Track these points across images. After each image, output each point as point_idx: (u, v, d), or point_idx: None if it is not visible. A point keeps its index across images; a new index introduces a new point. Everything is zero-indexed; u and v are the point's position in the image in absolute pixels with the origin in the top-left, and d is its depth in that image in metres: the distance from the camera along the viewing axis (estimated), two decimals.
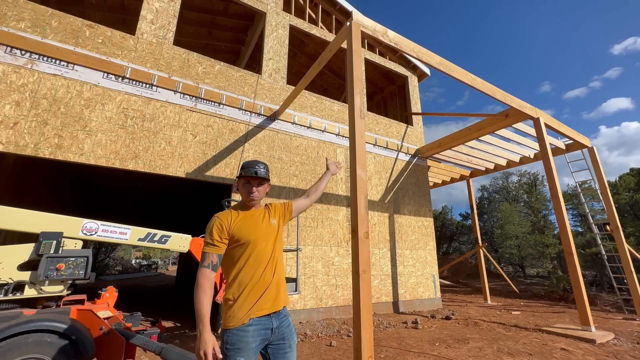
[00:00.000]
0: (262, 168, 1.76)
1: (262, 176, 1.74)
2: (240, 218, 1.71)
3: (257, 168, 1.74)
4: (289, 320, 1.71)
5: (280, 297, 1.69)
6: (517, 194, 23.87)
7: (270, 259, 1.69)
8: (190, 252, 3.55)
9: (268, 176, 1.79)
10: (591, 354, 4.19)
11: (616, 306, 8.23)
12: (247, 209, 1.77)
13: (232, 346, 1.50)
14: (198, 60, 5.94)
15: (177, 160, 5.24)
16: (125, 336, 2.53)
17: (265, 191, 1.82)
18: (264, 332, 1.57)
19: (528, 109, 6.27)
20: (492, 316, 6.93)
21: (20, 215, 2.65)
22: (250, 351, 1.51)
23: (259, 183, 1.76)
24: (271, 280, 1.66)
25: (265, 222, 1.76)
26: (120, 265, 26.93)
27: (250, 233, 1.67)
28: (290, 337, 1.69)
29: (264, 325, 1.58)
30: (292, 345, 1.69)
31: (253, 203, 1.76)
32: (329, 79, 11.30)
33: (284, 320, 1.67)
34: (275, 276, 1.68)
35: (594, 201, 8.79)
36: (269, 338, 1.60)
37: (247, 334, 1.52)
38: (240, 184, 1.79)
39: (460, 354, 4.09)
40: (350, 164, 3.55)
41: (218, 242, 1.62)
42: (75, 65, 4.76)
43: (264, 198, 1.89)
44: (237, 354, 1.49)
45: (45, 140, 4.34)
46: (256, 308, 1.57)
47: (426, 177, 8.88)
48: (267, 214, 1.81)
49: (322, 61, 5.01)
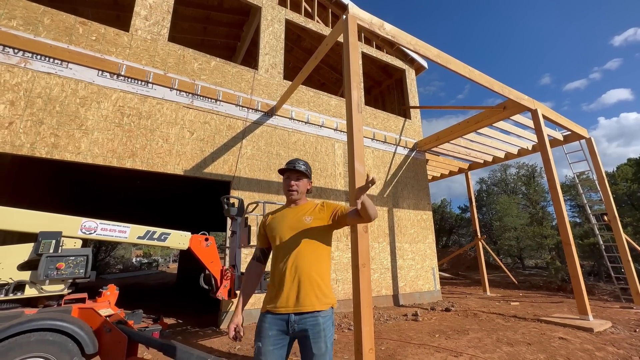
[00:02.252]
0: (302, 164, 1.86)
1: (300, 170, 1.82)
2: (277, 214, 1.81)
3: (296, 163, 1.84)
4: (316, 320, 1.57)
5: (304, 299, 1.58)
6: (515, 186, 23.96)
7: (291, 256, 1.64)
8: (190, 249, 3.55)
9: (308, 173, 1.86)
10: (589, 342, 4.25)
11: (614, 295, 8.32)
12: (287, 207, 1.84)
13: (257, 330, 1.64)
14: (194, 56, 5.88)
15: (174, 157, 5.23)
16: (127, 333, 2.54)
17: (306, 187, 1.86)
18: (280, 322, 1.58)
19: (526, 100, 6.26)
20: (491, 307, 7.00)
21: (18, 215, 2.64)
22: (267, 339, 1.56)
23: (298, 177, 1.82)
24: (292, 277, 1.60)
25: (296, 218, 1.74)
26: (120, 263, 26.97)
27: (275, 229, 1.74)
28: (316, 339, 1.55)
29: (280, 317, 1.59)
30: (315, 347, 1.55)
31: (292, 196, 1.81)
32: (326, 73, 11.23)
33: (308, 319, 1.57)
34: (297, 274, 1.61)
35: (591, 192, 8.84)
36: (286, 330, 1.57)
37: (264, 323, 1.61)
38: (283, 180, 1.88)
39: (460, 345, 4.14)
40: (349, 158, 3.54)
41: (260, 237, 1.86)
42: (70, 64, 4.71)
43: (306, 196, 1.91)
44: (256, 338, 1.61)
45: (41, 140, 4.31)
46: (274, 303, 1.61)
47: (425, 170, 8.89)
48: (305, 212, 1.77)
49: (318, 55, 4.97)
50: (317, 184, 6.71)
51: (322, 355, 1.55)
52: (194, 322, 5.69)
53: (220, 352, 3.91)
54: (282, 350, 1.58)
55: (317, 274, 1.64)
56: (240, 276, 4.03)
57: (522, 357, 3.67)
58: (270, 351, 1.54)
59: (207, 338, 4.56)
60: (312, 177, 6.58)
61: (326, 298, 1.63)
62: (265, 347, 1.55)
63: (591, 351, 3.91)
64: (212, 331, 4.94)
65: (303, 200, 1.87)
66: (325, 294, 1.63)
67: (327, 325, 1.60)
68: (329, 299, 1.64)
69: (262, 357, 1.54)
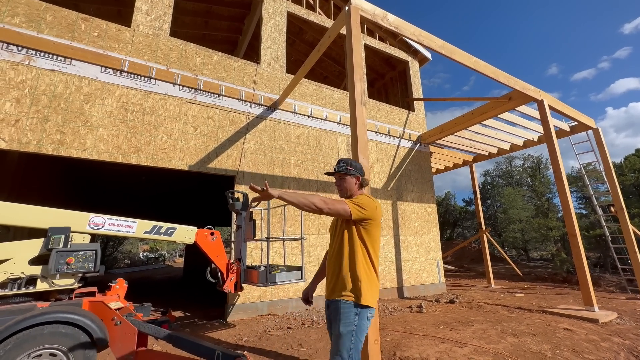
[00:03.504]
0: (343, 164, 2.01)
1: (340, 170, 1.99)
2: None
3: (338, 164, 2.03)
4: (336, 304, 1.78)
5: (334, 288, 1.84)
6: (520, 178, 23.75)
7: (333, 250, 1.90)
8: (196, 243, 3.59)
9: (349, 170, 1.97)
10: (594, 333, 4.25)
11: (620, 287, 8.28)
12: None
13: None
14: (196, 51, 5.86)
15: (179, 153, 5.25)
16: (137, 326, 2.59)
17: (352, 183, 2.00)
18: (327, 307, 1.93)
19: (532, 91, 6.16)
20: (495, 299, 7.02)
21: (28, 211, 2.69)
22: (328, 318, 1.92)
23: (340, 177, 2.01)
24: (331, 269, 1.89)
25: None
26: (128, 258, 27.39)
27: (330, 225, 2.08)
28: (335, 323, 1.77)
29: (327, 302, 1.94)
30: (335, 330, 1.75)
31: (341, 194, 2.04)
32: (329, 66, 11.14)
33: (333, 305, 1.83)
34: (334, 267, 1.87)
35: (598, 183, 8.74)
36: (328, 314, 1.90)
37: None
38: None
39: (465, 336, 4.17)
40: (352, 152, 3.53)
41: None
42: (73, 60, 4.72)
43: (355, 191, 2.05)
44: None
45: (47, 137, 4.35)
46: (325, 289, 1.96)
47: (429, 163, 8.85)
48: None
49: (321, 48, 4.93)
50: (321, 178, 6.71)
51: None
52: (201, 315, 5.78)
53: (227, 344, 3.98)
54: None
55: (353, 265, 1.81)
56: (245, 270, 4.08)
57: (527, 348, 3.68)
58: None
59: (214, 330, 4.64)
60: (316, 171, 6.61)
61: (345, 287, 1.79)
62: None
63: (596, 342, 3.92)
64: (220, 323, 5.03)
65: (357, 196, 1.99)
66: (345, 284, 1.79)
67: (340, 316, 1.75)
68: (348, 292, 1.78)
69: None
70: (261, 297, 5.51)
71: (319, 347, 3.78)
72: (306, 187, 6.47)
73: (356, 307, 1.73)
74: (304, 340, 4.07)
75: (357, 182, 1.99)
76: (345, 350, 1.63)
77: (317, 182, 6.65)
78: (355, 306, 1.73)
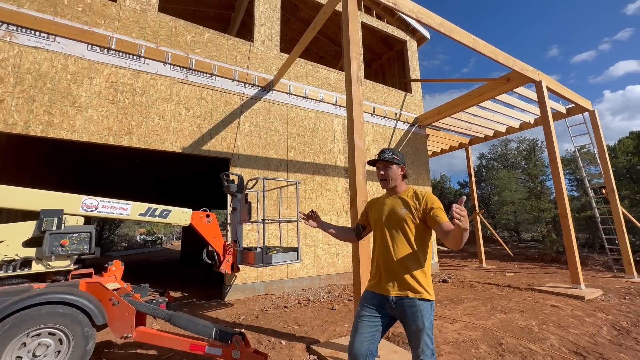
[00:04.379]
0: (388, 152, 1.91)
1: (386, 159, 1.87)
2: (380, 200, 1.97)
3: (383, 152, 1.91)
4: (412, 302, 1.68)
5: (382, 283, 1.76)
6: (515, 160, 23.94)
7: (386, 245, 1.78)
8: (192, 225, 3.59)
9: (396, 159, 1.88)
10: (579, 309, 4.42)
11: (606, 266, 8.57)
12: (389, 195, 1.94)
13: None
14: (186, 28, 5.63)
15: (172, 135, 5.16)
16: (135, 305, 2.63)
17: (398, 173, 1.89)
18: (377, 300, 1.80)
19: (530, 72, 6.08)
20: (486, 278, 7.23)
21: (18, 193, 2.64)
22: (364, 309, 1.81)
23: (385, 166, 1.89)
24: (394, 263, 1.74)
25: (393, 209, 1.83)
26: (125, 241, 27.52)
27: (374, 214, 1.94)
28: (411, 322, 1.67)
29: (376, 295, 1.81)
30: (412, 327, 1.67)
31: (383, 184, 1.92)
32: (325, 46, 10.83)
33: (405, 302, 1.69)
34: (384, 262, 1.78)
35: (591, 165, 8.84)
36: (383, 306, 1.77)
37: (364, 296, 1.91)
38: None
39: (456, 313, 4.31)
40: (348, 133, 3.49)
41: (362, 215, 2.13)
42: (57, 37, 4.51)
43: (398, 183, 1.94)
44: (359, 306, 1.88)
45: (34, 118, 4.22)
46: (372, 282, 1.87)
47: (425, 146, 8.83)
48: (402, 203, 1.82)
49: (316, 25, 4.76)
50: (316, 161, 6.68)
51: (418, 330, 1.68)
52: (199, 295, 5.89)
53: (225, 322, 4.08)
54: (377, 324, 1.76)
55: (409, 263, 1.73)
56: (242, 251, 4.12)
57: (515, 324, 3.83)
58: (361, 324, 1.75)
59: (212, 310, 4.74)
60: (312, 153, 6.56)
61: (401, 284, 1.72)
62: (355, 321, 1.79)
63: (581, 317, 4.08)
64: (217, 303, 5.13)
65: (401, 187, 1.92)
66: (402, 282, 1.72)
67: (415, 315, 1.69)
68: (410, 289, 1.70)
69: (356, 320, 1.80)
70: (258, 277, 5.61)
71: (315, 325, 3.89)
72: (302, 169, 6.44)
73: (427, 302, 1.73)
74: (300, 318, 4.18)
75: (402, 172, 1.91)
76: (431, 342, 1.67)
77: (313, 165, 6.63)
78: (428, 301, 1.73)
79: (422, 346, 1.64)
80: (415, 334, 1.66)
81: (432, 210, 1.70)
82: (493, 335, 3.43)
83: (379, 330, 1.75)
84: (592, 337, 3.46)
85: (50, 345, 2.34)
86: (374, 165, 1.98)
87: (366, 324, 1.74)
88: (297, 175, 6.33)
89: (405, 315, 1.69)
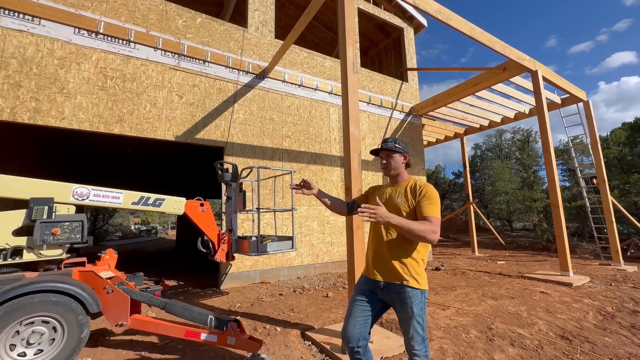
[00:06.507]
0: (391, 141, 1.91)
1: (389, 147, 1.88)
2: (382, 188, 1.99)
3: (385, 142, 1.93)
4: (402, 289, 1.70)
5: (374, 269, 1.81)
6: (509, 151, 24.11)
7: (379, 233, 1.81)
8: (186, 214, 3.57)
9: (398, 148, 1.88)
10: (567, 295, 4.55)
11: (594, 254, 8.79)
12: (391, 184, 1.96)
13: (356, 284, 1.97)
14: (177, 12, 5.46)
15: (164, 123, 5.07)
16: (129, 293, 2.63)
17: (401, 162, 1.91)
18: (370, 285, 1.85)
19: (527, 61, 6.05)
20: (478, 266, 7.37)
21: (6, 181, 2.59)
22: (358, 294, 1.87)
23: (387, 155, 1.91)
24: (388, 251, 1.77)
25: (392, 197, 1.85)
26: (119, 231, 27.40)
27: (371, 201, 1.97)
28: (400, 308, 1.71)
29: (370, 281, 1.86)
30: (401, 313, 1.71)
31: (385, 172, 1.95)
32: (320, 32, 10.62)
33: (394, 289, 1.72)
34: (377, 248, 1.82)
35: (583, 156, 8.93)
36: (375, 292, 1.81)
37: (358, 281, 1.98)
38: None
39: (448, 299, 4.40)
40: (343, 121, 3.46)
41: (361, 195, 2.19)
42: (42, 20, 4.34)
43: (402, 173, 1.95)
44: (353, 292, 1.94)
45: (21, 104, 4.10)
46: (365, 268, 1.92)
47: (420, 135, 8.82)
48: (400, 192, 1.83)
49: (312, 10, 4.64)
50: (312, 150, 6.64)
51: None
52: (195, 283, 5.92)
53: (221, 310, 4.11)
54: (369, 308, 1.81)
55: (401, 252, 1.75)
56: (237, 240, 4.12)
57: (505, 309, 3.93)
58: (355, 308, 1.81)
59: (208, 298, 4.78)
60: (307, 142, 6.52)
61: (392, 270, 1.75)
62: (349, 305, 1.85)
63: (569, 303, 4.20)
64: (213, 291, 5.17)
65: (403, 176, 1.92)
66: (391, 269, 1.75)
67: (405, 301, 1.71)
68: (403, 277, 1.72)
69: (350, 304, 1.86)
70: (253, 266, 5.64)
71: (310, 312, 3.95)
72: (297, 158, 6.41)
73: (417, 290, 1.74)
74: (295, 306, 4.23)
75: (405, 161, 1.91)
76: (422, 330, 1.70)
77: (308, 154, 6.59)
78: (417, 289, 1.73)
79: (412, 332, 1.67)
80: (404, 320, 1.70)
81: (421, 200, 1.71)
82: (483, 320, 3.52)
83: (372, 315, 1.79)
84: (579, 321, 3.57)
85: (45, 333, 2.34)
86: (377, 154, 1.99)
87: (359, 308, 1.78)
88: (292, 165, 6.30)
89: (395, 301, 1.73)
